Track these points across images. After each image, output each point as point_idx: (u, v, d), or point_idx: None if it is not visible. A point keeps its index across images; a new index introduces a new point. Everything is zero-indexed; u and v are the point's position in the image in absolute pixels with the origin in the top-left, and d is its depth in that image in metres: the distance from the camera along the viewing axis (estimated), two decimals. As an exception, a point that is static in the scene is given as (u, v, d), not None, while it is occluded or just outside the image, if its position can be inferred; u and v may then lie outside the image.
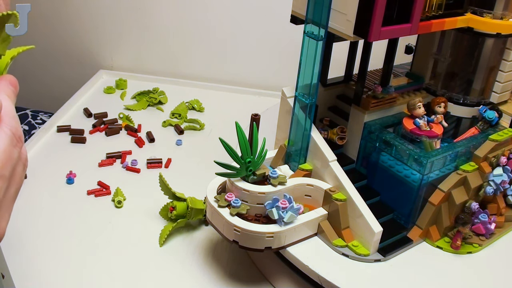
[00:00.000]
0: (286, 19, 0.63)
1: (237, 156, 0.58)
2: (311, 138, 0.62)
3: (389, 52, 0.68)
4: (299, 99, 0.62)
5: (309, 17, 0.57)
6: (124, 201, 0.74)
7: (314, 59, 0.58)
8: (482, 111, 0.68)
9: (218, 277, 0.63)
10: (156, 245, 0.67)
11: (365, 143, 0.65)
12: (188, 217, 0.68)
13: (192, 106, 1.01)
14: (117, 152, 0.84)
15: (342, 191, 0.60)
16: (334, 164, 0.61)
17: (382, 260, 0.59)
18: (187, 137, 0.92)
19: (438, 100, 0.66)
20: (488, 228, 0.63)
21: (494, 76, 0.69)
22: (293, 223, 0.57)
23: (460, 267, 0.60)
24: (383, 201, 0.65)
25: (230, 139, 0.60)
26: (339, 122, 0.68)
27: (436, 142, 0.63)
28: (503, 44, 0.67)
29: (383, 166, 0.64)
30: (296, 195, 0.61)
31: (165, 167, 0.83)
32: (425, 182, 0.60)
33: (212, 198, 0.59)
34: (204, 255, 0.67)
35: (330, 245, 0.60)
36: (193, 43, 1.11)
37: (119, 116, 0.95)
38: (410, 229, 0.63)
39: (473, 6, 0.63)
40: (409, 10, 0.55)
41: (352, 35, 0.55)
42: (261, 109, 0.84)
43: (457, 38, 0.68)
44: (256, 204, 0.58)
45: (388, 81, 0.69)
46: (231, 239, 0.57)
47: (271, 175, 0.59)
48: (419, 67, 0.74)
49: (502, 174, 0.64)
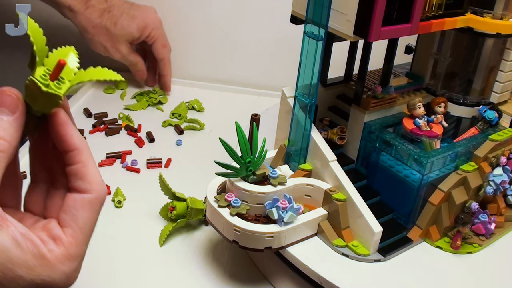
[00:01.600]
0: (286, 19, 0.63)
1: (237, 156, 0.58)
2: (311, 138, 0.62)
3: (389, 52, 0.68)
4: (299, 99, 0.62)
5: (309, 17, 0.57)
6: (124, 201, 0.74)
7: (314, 59, 0.58)
8: (482, 111, 0.68)
9: (218, 277, 0.63)
10: (156, 245, 0.67)
11: (365, 143, 0.65)
12: (188, 217, 0.68)
13: (192, 106, 1.01)
14: (117, 152, 0.84)
15: (342, 191, 0.60)
16: (334, 164, 0.61)
17: (382, 260, 0.59)
18: (187, 137, 0.92)
19: (438, 100, 0.66)
20: (488, 228, 0.63)
21: (494, 76, 0.69)
22: (293, 223, 0.57)
23: (460, 267, 0.60)
24: (383, 201, 0.65)
25: (230, 139, 0.60)
26: (339, 122, 0.68)
27: (436, 142, 0.63)
28: (503, 44, 0.67)
29: (383, 166, 0.64)
30: (296, 195, 0.61)
31: (165, 167, 0.83)
32: (425, 182, 0.60)
33: (212, 198, 0.59)
34: (204, 255, 0.67)
35: (330, 245, 0.60)
36: (193, 43, 1.11)
37: (119, 116, 0.95)
38: (410, 229, 0.63)
39: (473, 6, 0.63)
40: (409, 10, 0.55)
41: (352, 35, 0.55)
42: (261, 109, 0.84)
43: (457, 38, 0.68)
44: (256, 204, 0.58)
45: (388, 81, 0.69)
46: (231, 239, 0.57)
47: (271, 175, 0.59)
48: (419, 67, 0.74)
49: (502, 174, 0.64)
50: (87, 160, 0.37)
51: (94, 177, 0.37)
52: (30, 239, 0.34)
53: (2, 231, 0.33)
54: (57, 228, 0.36)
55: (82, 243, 0.36)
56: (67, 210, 0.36)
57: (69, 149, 0.37)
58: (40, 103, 0.37)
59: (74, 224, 0.36)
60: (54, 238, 0.35)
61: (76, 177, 0.37)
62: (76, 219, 0.36)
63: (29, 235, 0.34)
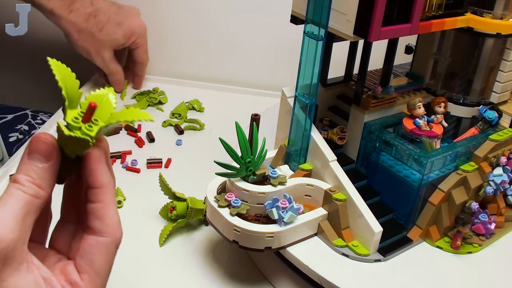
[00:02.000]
0: (286, 19, 0.63)
1: (237, 156, 0.58)
2: (311, 138, 0.62)
3: (389, 52, 0.68)
4: (299, 99, 0.62)
5: (309, 17, 0.57)
6: (124, 201, 0.74)
7: (314, 59, 0.58)
8: (482, 111, 0.68)
9: (218, 277, 0.63)
10: (156, 245, 0.67)
11: (365, 143, 0.65)
12: (188, 217, 0.68)
13: (192, 106, 1.01)
14: (117, 152, 0.84)
15: (342, 191, 0.60)
16: (334, 164, 0.61)
17: (382, 260, 0.59)
18: (187, 137, 0.92)
19: (438, 100, 0.66)
20: (488, 228, 0.63)
21: (494, 76, 0.69)
22: (293, 223, 0.57)
23: (460, 267, 0.60)
24: (383, 201, 0.65)
25: (230, 139, 0.60)
26: (339, 122, 0.68)
27: (436, 142, 0.63)
28: (503, 44, 0.67)
29: (383, 166, 0.64)
30: (296, 195, 0.61)
31: (165, 167, 0.83)
32: (425, 182, 0.60)
33: (212, 198, 0.59)
34: (204, 255, 0.67)
35: (330, 245, 0.60)
36: (193, 43, 1.11)
37: (119, 116, 0.95)
38: (410, 229, 0.63)
39: (473, 6, 0.63)
40: (409, 10, 0.55)
41: (352, 35, 0.55)
42: (261, 109, 0.84)
43: (457, 38, 0.68)
44: (256, 204, 0.58)
45: (388, 81, 0.69)
46: (231, 239, 0.57)
47: (271, 175, 0.59)
48: (419, 67, 0.74)
49: (502, 174, 0.64)
50: (109, 201, 0.37)
51: (112, 219, 0.37)
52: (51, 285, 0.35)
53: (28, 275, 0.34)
54: (75, 273, 0.36)
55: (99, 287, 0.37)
56: (83, 255, 0.37)
57: (94, 186, 0.37)
58: (70, 147, 0.37)
59: (90, 270, 0.36)
60: (72, 284, 0.36)
61: (94, 216, 0.37)
62: (92, 264, 0.36)
63: (51, 281, 0.35)
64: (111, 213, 0.37)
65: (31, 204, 0.35)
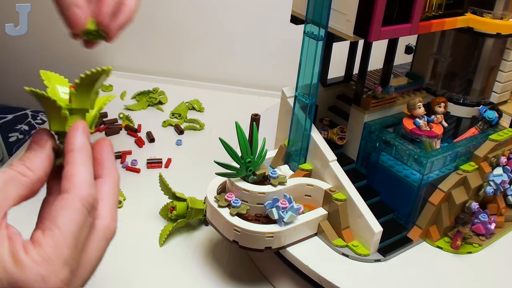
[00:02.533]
0: (286, 19, 0.63)
1: (237, 156, 0.58)
2: (311, 138, 0.62)
3: (389, 52, 0.68)
4: (299, 99, 0.62)
5: (309, 17, 0.57)
6: (124, 201, 0.74)
7: (314, 59, 0.58)
8: (482, 111, 0.68)
9: (218, 277, 0.63)
10: (156, 245, 0.67)
11: (365, 143, 0.65)
12: (188, 217, 0.68)
13: (192, 106, 1.01)
14: (117, 152, 0.84)
15: (342, 191, 0.60)
16: (334, 164, 0.61)
17: (382, 260, 0.59)
18: (187, 137, 0.92)
19: (438, 100, 0.66)
20: (488, 228, 0.63)
21: (494, 76, 0.69)
22: (293, 223, 0.57)
23: (460, 267, 0.60)
24: (383, 201, 0.65)
25: (230, 139, 0.60)
26: (339, 122, 0.68)
27: (436, 142, 0.63)
28: (503, 44, 0.67)
29: (383, 166, 0.64)
30: (296, 195, 0.61)
31: (165, 167, 0.83)
32: (425, 182, 0.60)
33: (212, 198, 0.59)
34: (204, 255, 0.67)
35: (330, 245, 0.60)
36: (193, 43, 1.11)
37: (119, 116, 0.95)
38: (410, 229, 0.63)
39: (473, 6, 0.63)
40: (409, 10, 0.55)
41: (352, 35, 0.55)
42: (261, 109, 0.84)
43: (457, 38, 0.68)
44: (256, 204, 0.58)
45: (388, 81, 0.69)
46: (231, 239, 0.57)
47: (271, 175, 0.59)
48: (419, 67, 0.74)
49: (502, 174, 0.64)
50: (79, 163, 0.37)
51: (79, 177, 0.36)
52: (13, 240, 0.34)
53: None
54: (39, 233, 0.35)
55: (61, 243, 0.35)
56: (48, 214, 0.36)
57: (67, 150, 0.37)
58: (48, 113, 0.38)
59: (52, 226, 0.35)
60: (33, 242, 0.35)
61: (64, 179, 0.36)
62: (53, 219, 0.35)
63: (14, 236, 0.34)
64: (80, 173, 0.36)
65: (15, 179, 0.35)
